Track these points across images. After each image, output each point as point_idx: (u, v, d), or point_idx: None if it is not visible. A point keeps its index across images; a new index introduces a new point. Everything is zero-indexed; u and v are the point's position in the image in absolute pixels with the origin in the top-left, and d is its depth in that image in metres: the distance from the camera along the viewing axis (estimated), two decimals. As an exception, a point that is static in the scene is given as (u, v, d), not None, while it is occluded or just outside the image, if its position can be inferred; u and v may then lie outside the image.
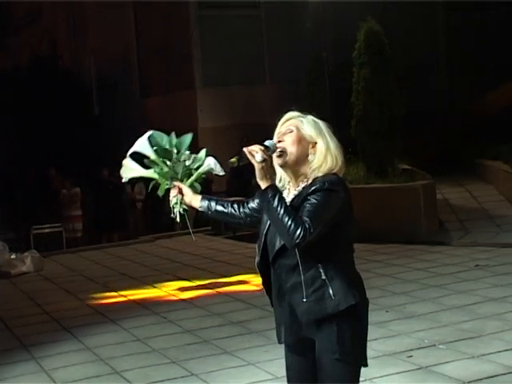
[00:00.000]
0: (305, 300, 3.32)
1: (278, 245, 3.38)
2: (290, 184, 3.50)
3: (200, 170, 3.78)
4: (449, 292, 8.79)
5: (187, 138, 3.81)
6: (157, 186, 3.82)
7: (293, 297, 3.38)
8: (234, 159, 3.45)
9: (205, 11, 19.57)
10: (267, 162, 3.30)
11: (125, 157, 3.85)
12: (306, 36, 19.26)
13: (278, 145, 3.42)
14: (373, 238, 11.91)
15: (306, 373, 3.52)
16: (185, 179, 3.77)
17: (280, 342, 3.58)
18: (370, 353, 3.57)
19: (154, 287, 10.57)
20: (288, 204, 3.33)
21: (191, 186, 3.77)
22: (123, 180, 3.91)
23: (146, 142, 3.75)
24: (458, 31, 19.71)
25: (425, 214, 12.72)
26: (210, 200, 3.77)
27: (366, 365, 3.48)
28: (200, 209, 3.76)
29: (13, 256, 12.88)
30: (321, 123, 3.51)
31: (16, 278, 12.15)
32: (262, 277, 3.57)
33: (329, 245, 3.31)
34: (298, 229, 3.18)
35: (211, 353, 7.11)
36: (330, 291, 3.30)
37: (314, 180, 3.35)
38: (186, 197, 3.75)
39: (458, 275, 9.68)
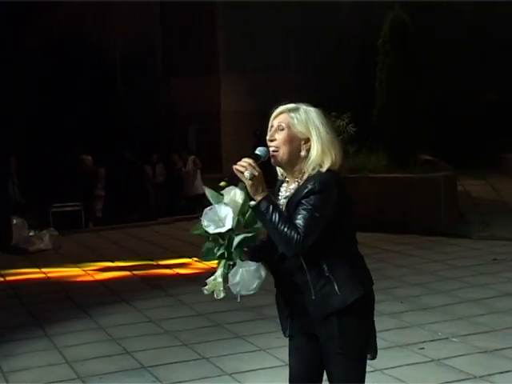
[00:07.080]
0: (314, 298, 3.30)
1: (280, 249, 3.32)
2: (288, 177, 3.40)
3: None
4: (465, 285, 8.73)
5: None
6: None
7: (301, 296, 3.36)
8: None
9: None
10: (257, 177, 3.17)
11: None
12: (333, 23, 19.15)
13: (271, 144, 3.32)
14: (391, 228, 11.84)
15: (311, 365, 3.49)
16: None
17: (286, 336, 3.57)
18: (381, 343, 3.52)
19: (170, 269, 10.60)
20: (286, 200, 3.29)
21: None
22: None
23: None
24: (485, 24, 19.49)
25: (445, 206, 12.61)
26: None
27: (373, 357, 3.41)
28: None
29: (31, 233, 12.97)
30: (313, 114, 3.34)
31: (33, 255, 12.23)
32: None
33: (329, 241, 3.24)
34: (293, 238, 3.12)
35: (223, 337, 7.10)
36: (335, 287, 3.26)
37: (307, 180, 3.26)
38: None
39: (476, 268, 9.61)
